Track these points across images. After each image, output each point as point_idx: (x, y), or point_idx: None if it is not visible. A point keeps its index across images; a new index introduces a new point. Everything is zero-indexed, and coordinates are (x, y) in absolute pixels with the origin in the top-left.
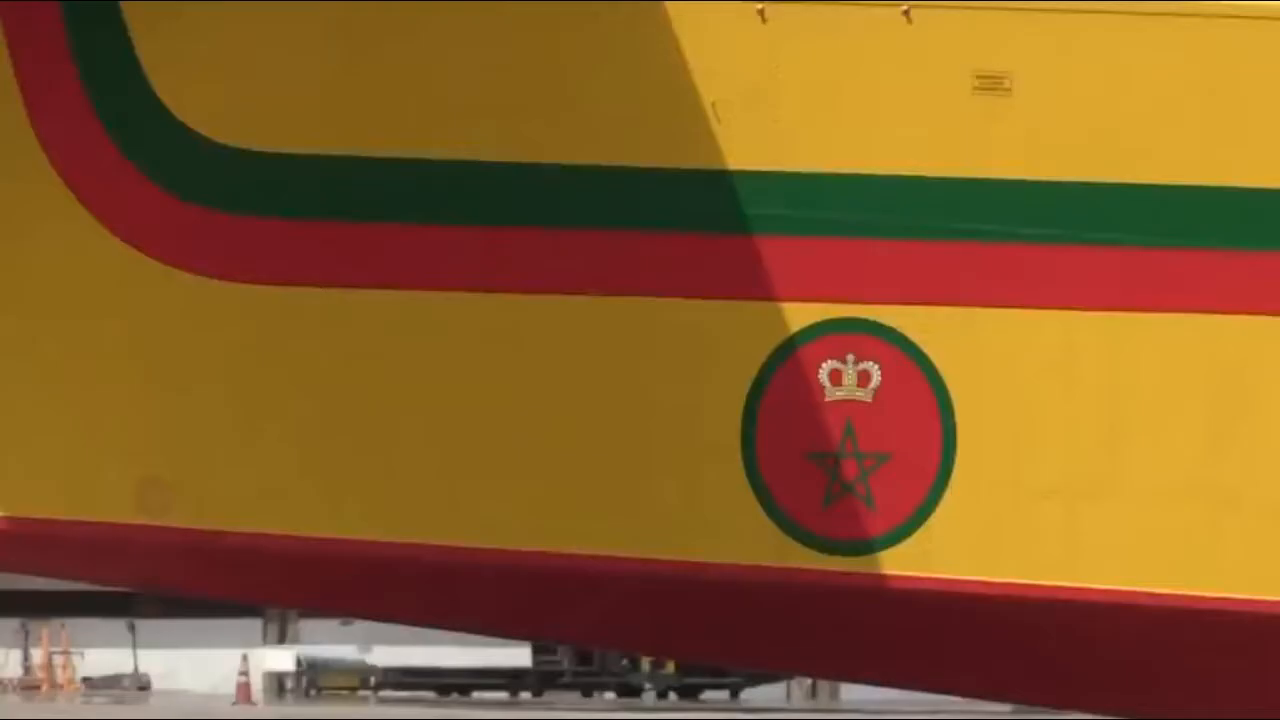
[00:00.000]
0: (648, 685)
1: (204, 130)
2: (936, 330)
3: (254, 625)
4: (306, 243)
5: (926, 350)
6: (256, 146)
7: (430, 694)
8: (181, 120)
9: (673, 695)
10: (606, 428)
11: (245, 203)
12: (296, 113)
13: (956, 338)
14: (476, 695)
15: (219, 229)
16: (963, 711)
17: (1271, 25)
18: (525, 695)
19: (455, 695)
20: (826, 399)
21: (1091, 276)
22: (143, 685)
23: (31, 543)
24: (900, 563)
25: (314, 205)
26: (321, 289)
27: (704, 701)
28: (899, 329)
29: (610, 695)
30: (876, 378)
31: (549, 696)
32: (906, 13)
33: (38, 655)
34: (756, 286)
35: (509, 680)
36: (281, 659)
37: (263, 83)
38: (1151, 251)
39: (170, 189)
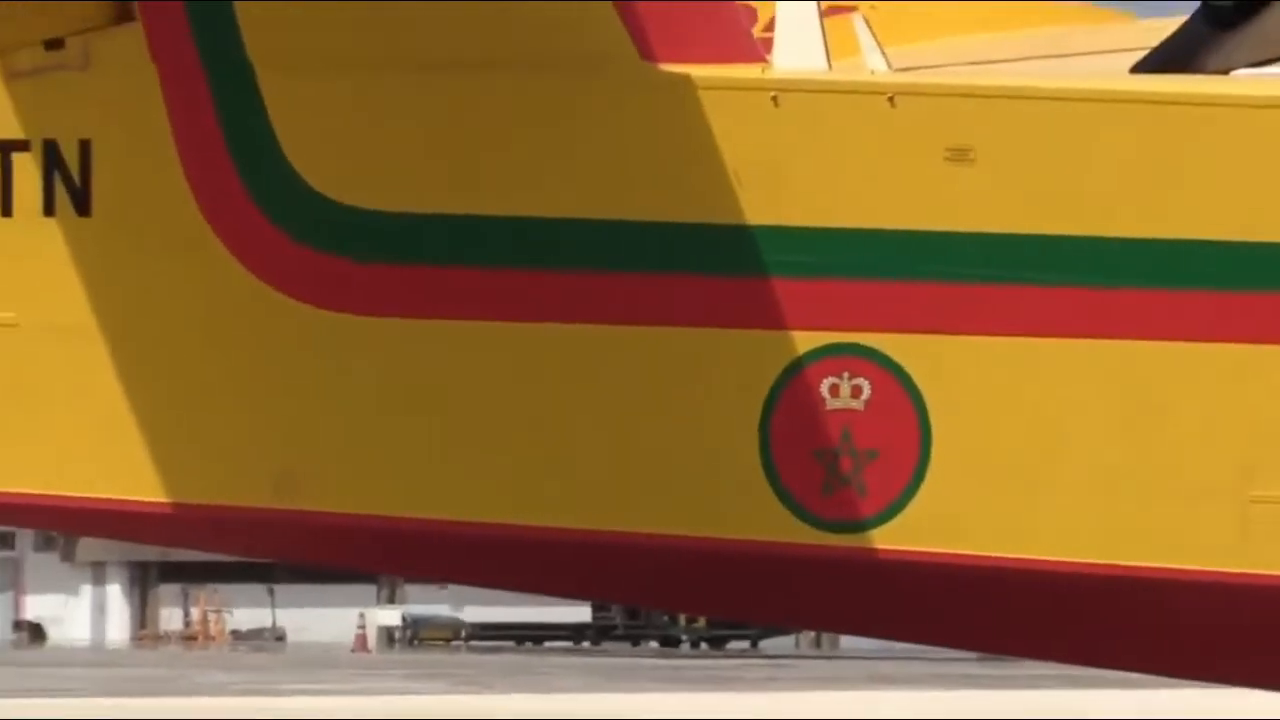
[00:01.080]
0: (684, 636)
1: (327, 192)
2: (914, 353)
3: (369, 589)
4: (405, 283)
5: (907, 369)
6: (366, 205)
7: (509, 643)
8: (310, 184)
9: (704, 644)
10: (655, 431)
11: (358, 250)
12: (397, 178)
13: (931, 359)
14: (546, 644)
15: (335, 272)
16: (937, 656)
17: (1183, 109)
18: (585, 644)
19: (529, 645)
20: (827, 408)
21: (1040, 310)
22: (279, 636)
23: (192, 524)
24: (885, 539)
25: (413, 253)
26: (417, 320)
27: (729, 650)
28: (885, 352)
29: (654, 644)
30: (867, 391)
31: (604, 646)
32: (891, 99)
33: (195, 613)
34: (772, 319)
35: (572, 632)
36: (390, 616)
37: (370, 155)
38: (1088, 290)
39: (300, 240)
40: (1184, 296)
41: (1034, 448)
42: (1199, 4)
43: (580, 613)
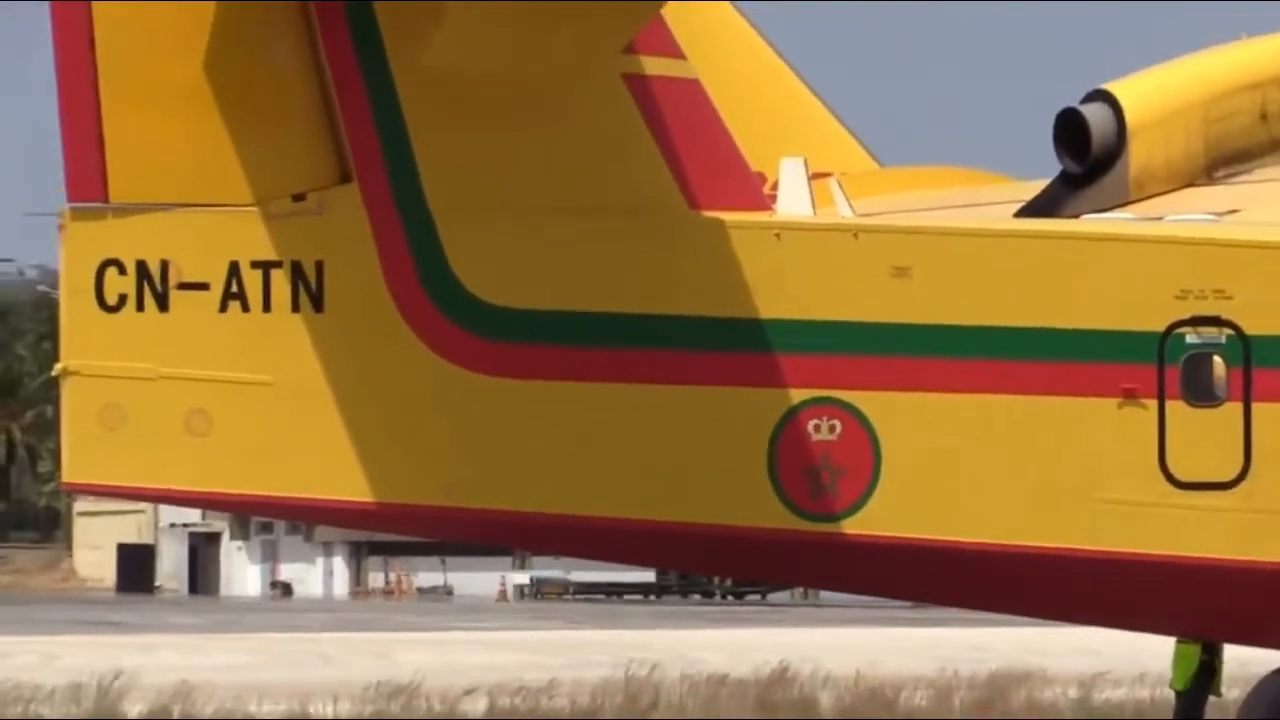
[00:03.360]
0: (717, 591)
1: (479, 295)
2: (870, 403)
3: (506, 559)
4: (528, 355)
5: (865, 413)
6: (503, 304)
7: (600, 596)
8: (468, 290)
9: (730, 597)
10: (701, 453)
11: (500, 333)
12: (524, 287)
13: (882, 406)
14: (625, 597)
15: (482, 348)
16: (882, 604)
17: (1051, 240)
18: (651, 597)
19: (614, 598)
20: (812, 439)
21: (953, 375)
22: (448, 591)
23: (393, 515)
24: (850, 527)
25: (533, 336)
26: (534, 380)
27: (747, 600)
28: (850, 402)
29: (696, 597)
30: (839, 429)
31: (664, 598)
32: (855, 234)
33: (392, 576)
34: (777, 380)
35: (642, 589)
36: (521, 577)
37: (507, 271)
38: (985, 361)
39: (461, 326)
40: (1049, 365)
41: (952, 465)
42: (1060, 172)
43: (647, 575)
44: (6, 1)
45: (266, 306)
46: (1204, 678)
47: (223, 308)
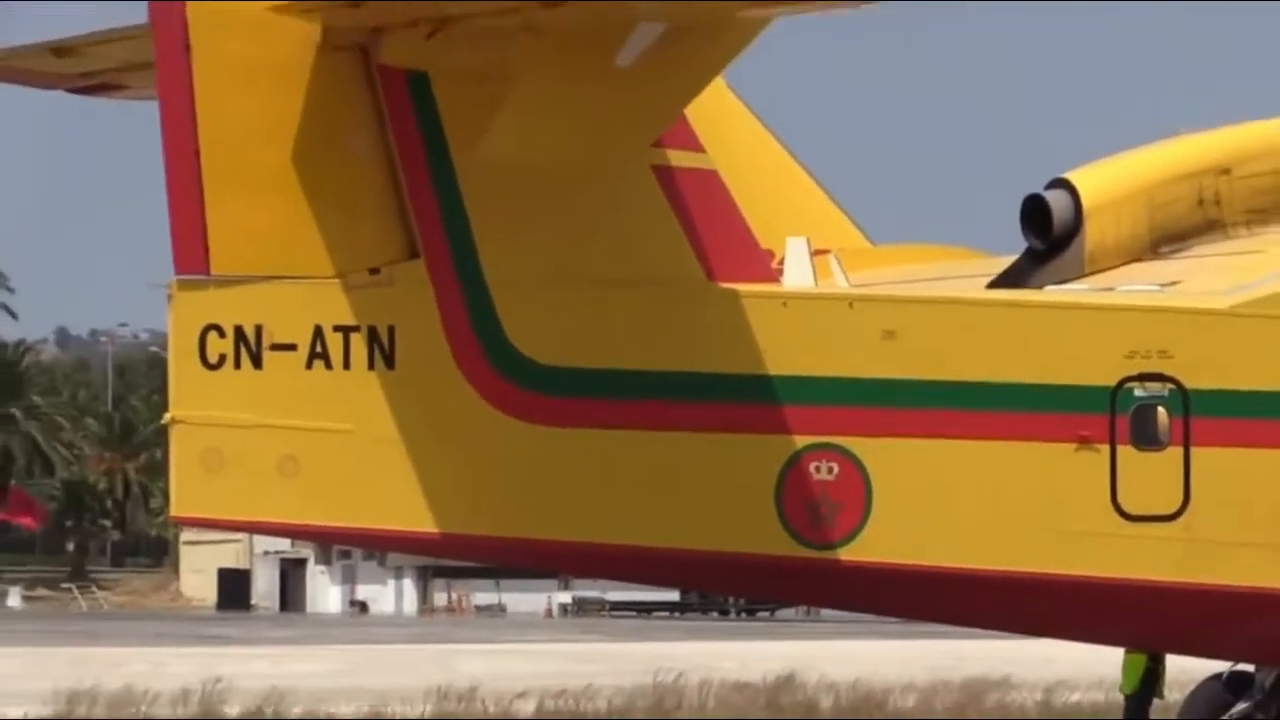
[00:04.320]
0: (732, 609)
1: (530, 355)
2: (863, 448)
3: (552, 582)
4: (573, 407)
5: (859, 456)
6: (551, 363)
7: (632, 613)
8: (520, 351)
9: (744, 614)
10: (721, 490)
11: (546, 388)
12: (568, 348)
13: (873, 451)
14: (654, 614)
15: (533, 401)
16: (873, 620)
17: (1018, 308)
18: (676, 614)
19: (644, 615)
20: (813, 479)
21: (935, 423)
22: (501, 609)
23: (459, 543)
24: (846, 554)
25: (577, 390)
26: (578, 429)
27: (758, 616)
28: (846, 447)
29: (715, 614)
30: (837, 469)
31: (686, 615)
32: (850, 304)
33: (453, 596)
34: (784, 428)
35: (669, 607)
36: (565, 597)
37: (552, 334)
38: (961, 411)
39: (515, 382)
40: (1017, 415)
41: (934, 500)
42: (1026, 249)
43: (673, 595)
44: (122, 100)
45: (346, 365)
46: (1149, 682)
47: (308, 366)
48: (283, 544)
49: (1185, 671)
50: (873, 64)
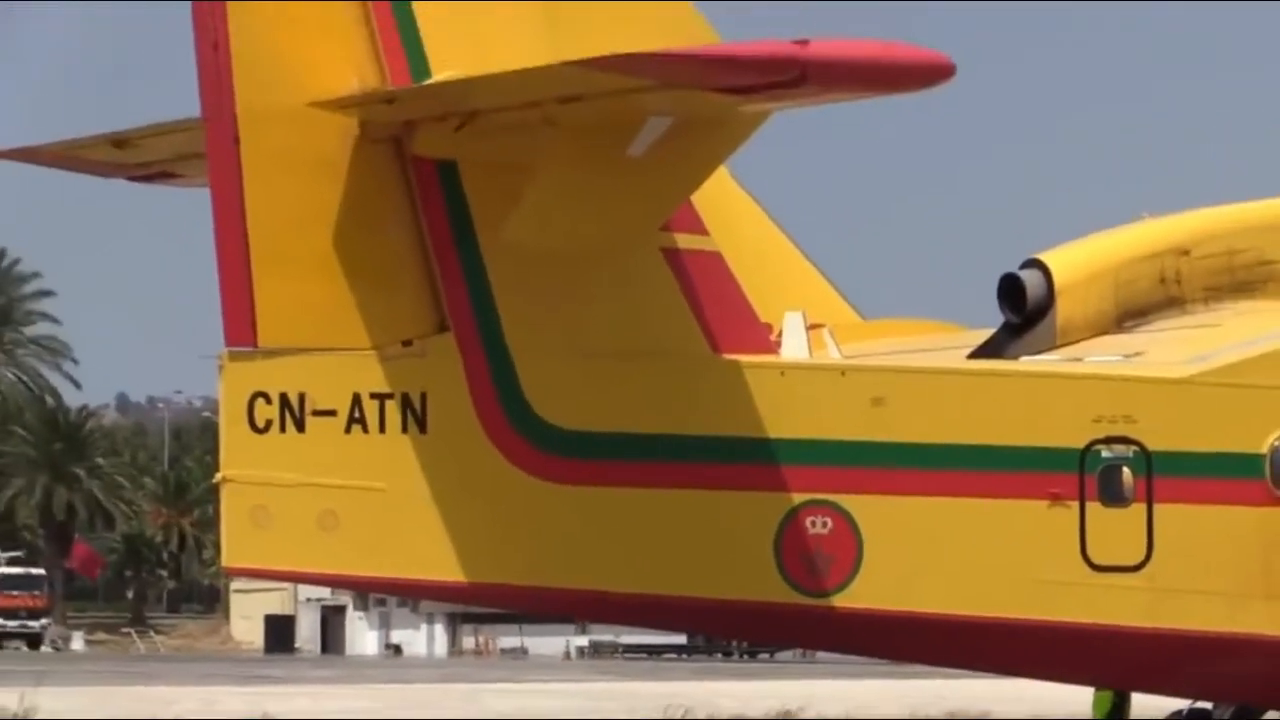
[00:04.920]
0: (736, 651)
1: (550, 420)
2: (855, 504)
3: (569, 626)
4: (586, 468)
5: (851, 512)
6: (567, 427)
7: (644, 655)
8: (541, 416)
9: (745, 656)
10: (725, 543)
11: (562, 449)
12: (582, 414)
13: (865, 507)
14: (664, 656)
15: (551, 462)
16: (863, 662)
17: (995, 376)
18: (684, 655)
19: (654, 656)
20: (809, 533)
21: (919, 482)
22: (524, 652)
23: (487, 592)
24: (839, 601)
25: (590, 452)
26: (591, 486)
27: (759, 658)
28: (840, 503)
29: (719, 655)
30: (831, 524)
31: (694, 657)
32: (843, 373)
33: (480, 640)
34: (781, 486)
35: (676, 649)
36: (581, 640)
37: (572, 401)
38: (944, 471)
39: (535, 445)
40: (995, 474)
41: (920, 553)
42: (1003, 323)
43: (680, 639)
44: (176, 187)
45: (381, 429)
46: (1116, 717)
47: (347, 430)
48: (324, 592)
49: (1147, 710)
50: (865, 153)
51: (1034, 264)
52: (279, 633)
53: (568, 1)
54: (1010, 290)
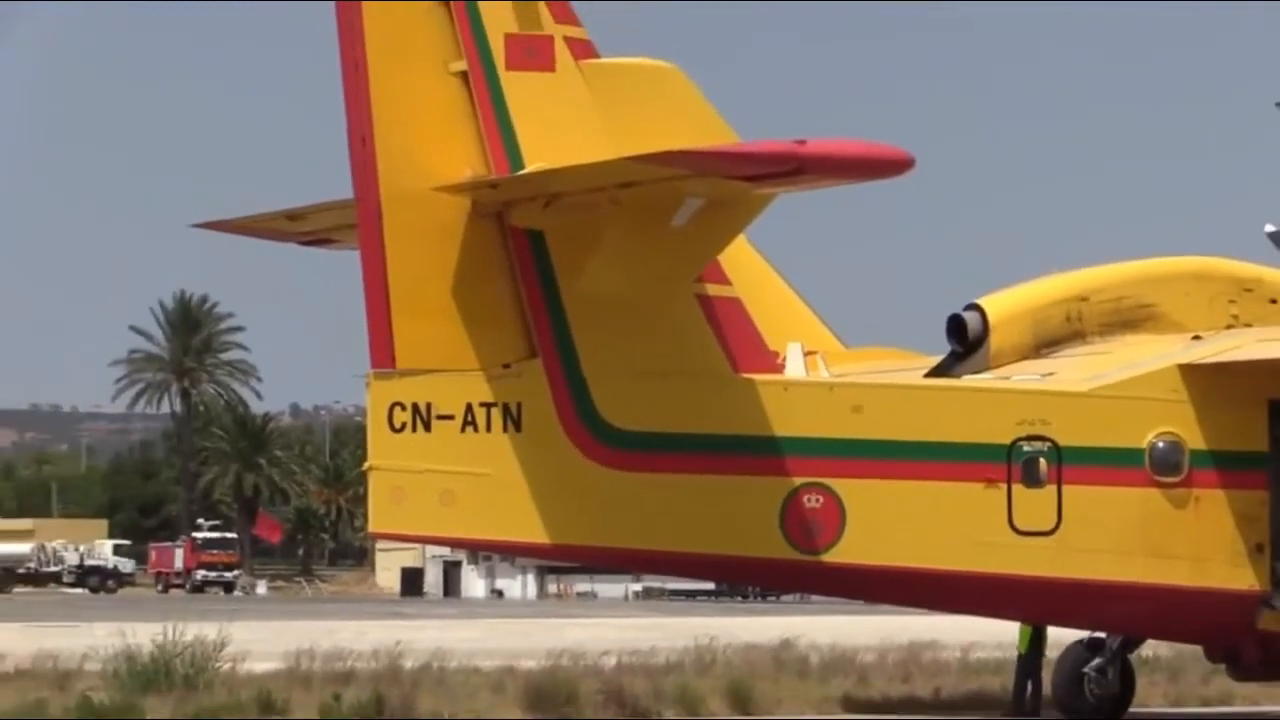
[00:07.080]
0: (750, 594)
1: (611, 420)
2: (841, 485)
3: (627, 576)
4: (639, 458)
5: (838, 491)
6: (625, 427)
7: (683, 598)
8: (605, 417)
9: (759, 598)
10: (739, 515)
11: (622, 445)
12: (636, 416)
13: (848, 487)
14: (698, 598)
15: (611, 452)
16: (846, 603)
17: (947, 391)
18: (712, 598)
19: (690, 598)
20: (806, 507)
21: (890, 468)
22: (594, 595)
23: (559, 551)
24: (829, 558)
25: (644, 447)
26: (643, 473)
27: (768, 600)
28: (829, 485)
29: (739, 598)
30: (822, 501)
31: (720, 599)
32: (831, 388)
33: (562, 586)
34: (786, 472)
35: (707, 593)
36: (637, 587)
37: (623, 406)
38: (910, 461)
39: (601, 441)
40: (945, 464)
41: (889, 521)
42: (950, 350)
43: (709, 586)
44: (335, 250)
45: (488, 429)
46: (1036, 644)
47: (462, 430)
48: (445, 550)
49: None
50: (856, 217)
51: (973, 307)
52: (411, 581)
53: (616, 107)
54: (955, 327)
